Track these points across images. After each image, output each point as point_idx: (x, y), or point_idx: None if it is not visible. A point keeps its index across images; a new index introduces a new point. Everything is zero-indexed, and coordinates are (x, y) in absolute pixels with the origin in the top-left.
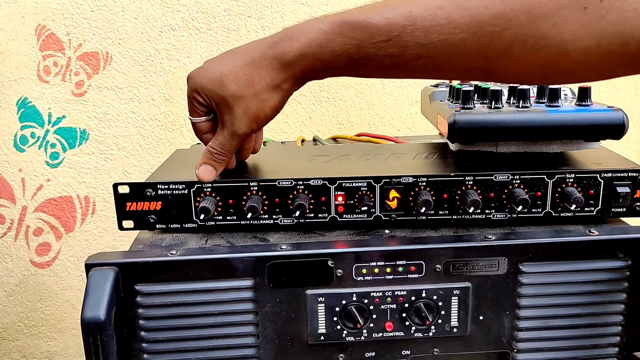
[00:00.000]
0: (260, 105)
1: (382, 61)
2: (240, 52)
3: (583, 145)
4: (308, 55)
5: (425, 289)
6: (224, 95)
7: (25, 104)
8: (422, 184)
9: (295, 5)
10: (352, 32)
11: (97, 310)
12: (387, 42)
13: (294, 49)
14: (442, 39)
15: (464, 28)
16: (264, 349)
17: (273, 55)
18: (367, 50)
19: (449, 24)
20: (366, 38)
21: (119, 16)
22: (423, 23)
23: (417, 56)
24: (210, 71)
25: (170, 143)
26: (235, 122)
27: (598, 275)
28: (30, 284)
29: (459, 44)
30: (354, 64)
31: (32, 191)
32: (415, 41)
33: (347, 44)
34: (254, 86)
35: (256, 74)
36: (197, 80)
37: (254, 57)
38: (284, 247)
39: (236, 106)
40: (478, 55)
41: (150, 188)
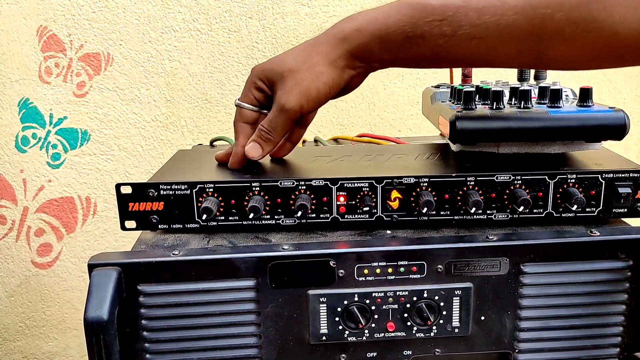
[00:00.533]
0: (312, 78)
1: (436, 40)
2: (303, 42)
3: (584, 146)
4: (364, 31)
5: (427, 290)
6: (282, 71)
7: (26, 105)
8: (424, 184)
9: (296, 7)
10: (409, 11)
11: (100, 310)
12: (442, 21)
13: (352, 25)
14: (495, 20)
15: (517, 10)
16: (265, 349)
17: (332, 33)
18: (423, 28)
19: (501, 6)
20: (422, 17)
21: (120, 17)
22: (476, 4)
23: (469, 36)
24: (275, 57)
25: (172, 144)
26: (285, 96)
27: (599, 276)
28: (32, 285)
29: (511, 25)
30: (409, 43)
31: (34, 192)
32: (469, 21)
33: (403, 21)
34: (310, 60)
35: (314, 50)
36: (260, 66)
37: (315, 39)
38: (286, 247)
39: (290, 79)
40: (531, 37)
41: (152, 188)
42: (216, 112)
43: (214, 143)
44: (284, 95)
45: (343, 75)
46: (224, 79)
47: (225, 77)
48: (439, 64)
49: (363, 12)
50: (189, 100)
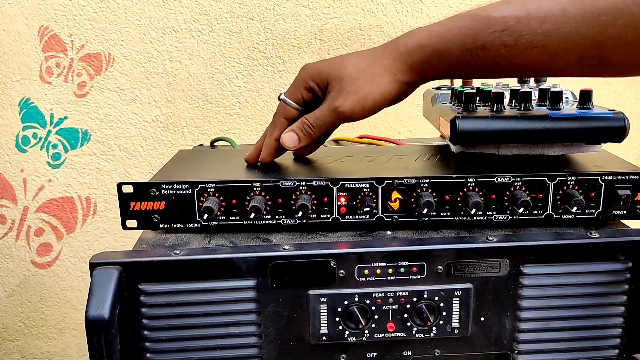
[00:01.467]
0: (372, 87)
1: (498, 50)
2: (363, 50)
3: (584, 148)
4: (426, 45)
5: (427, 290)
6: (341, 74)
7: (27, 105)
8: (424, 185)
9: (297, 8)
10: (470, 23)
11: (101, 309)
12: (503, 31)
13: (413, 40)
14: (557, 28)
15: (578, 18)
16: (266, 349)
17: (393, 47)
18: (484, 39)
19: (563, 15)
20: (483, 28)
21: (121, 18)
22: (537, 14)
23: (531, 45)
24: (332, 60)
25: (172, 144)
26: (341, 99)
27: (599, 278)
28: (31, 285)
29: (573, 32)
30: (469, 54)
31: (34, 192)
32: (530, 30)
33: (464, 33)
34: (372, 69)
35: (376, 60)
36: (314, 66)
37: (375, 50)
38: (287, 247)
39: (349, 85)
40: (592, 43)
41: (154, 188)
42: (217, 112)
43: (215, 143)
44: (340, 98)
45: (399, 88)
46: (224, 79)
47: (226, 78)
48: (498, 74)
49: (424, 27)
50: (189, 101)
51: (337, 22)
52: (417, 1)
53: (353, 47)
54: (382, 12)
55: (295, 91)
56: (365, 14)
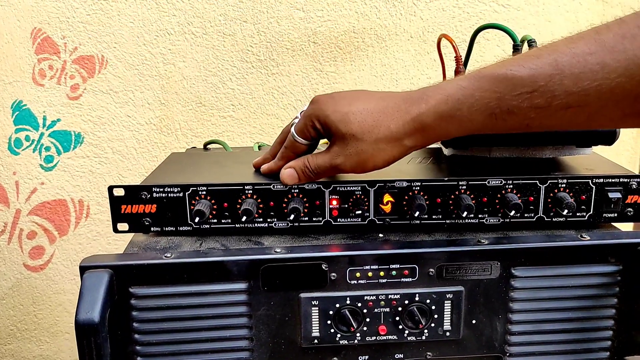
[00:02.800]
0: (374, 153)
1: (527, 114)
2: (375, 97)
3: (575, 151)
4: (443, 113)
5: (419, 293)
6: (345, 132)
7: (20, 107)
8: (416, 188)
9: (291, 11)
10: (493, 85)
11: (91, 313)
12: (532, 92)
13: (429, 106)
14: (596, 86)
15: (621, 72)
16: (257, 352)
17: (407, 110)
18: (510, 102)
19: (602, 70)
20: (509, 90)
21: (114, 20)
22: (572, 70)
23: (566, 106)
24: (339, 104)
25: (165, 147)
26: (342, 157)
27: (590, 280)
28: (23, 288)
29: (615, 89)
30: (494, 120)
31: (26, 194)
32: (564, 90)
33: (487, 97)
34: (377, 133)
35: (383, 122)
36: (323, 108)
37: (388, 107)
38: (278, 250)
39: (351, 146)
40: (637, 98)
41: (145, 191)
42: (210, 115)
43: (208, 146)
44: (341, 156)
45: (404, 153)
46: (218, 82)
47: (220, 81)
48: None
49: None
50: (183, 104)
51: (330, 25)
52: (410, 4)
53: (347, 49)
54: (375, 15)
55: (304, 129)
56: (359, 17)
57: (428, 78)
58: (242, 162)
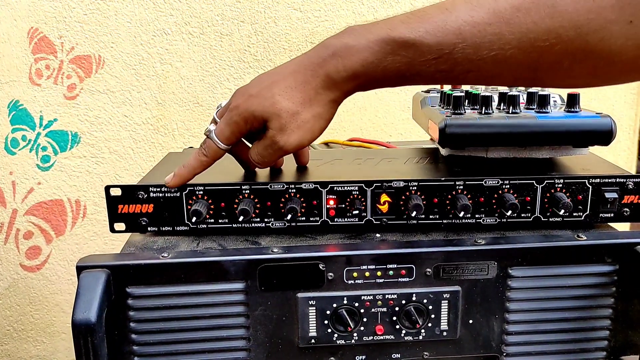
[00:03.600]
0: (315, 119)
1: (432, 76)
2: (288, 72)
3: (572, 151)
4: (360, 74)
5: (416, 293)
6: (277, 111)
7: (16, 107)
8: (413, 188)
9: (288, 11)
10: (403, 51)
11: (88, 313)
12: (438, 59)
13: (346, 67)
14: (492, 55)
15: (515, 44)
16: (254, 352)
17: (325, 74)
18: (418, 67)
19: (498, 40)
20: (417, 56)
21: (111, 20)
22: (473, 40)
23: (466, 71)
24: (260, 95)
25: (162, 147)
26: (284, 137)
27: (586, 280)
28: (20, 288)
29: (508, 58)
30: (404, 79)
31: (23, 194)
32: (466, 57)
33: (398, 62)
34: (310, 102)
35: (311, 91)
36: (246, 107)
37: (306, 77)
38: (276, 250)
39: (290, 121)
40: (528, 68)
41: (142, 191)
42: (207, 115)
43: None
44: (283, 136)
45: (336, 109)
46: (215, 82)
47: (217, 81)
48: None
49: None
50: (180, 104)
51: (328, 25)
52: (407, 5)
53: None
54: (373, 15)
55: (229, 135)
56: (356, 17)
57: None
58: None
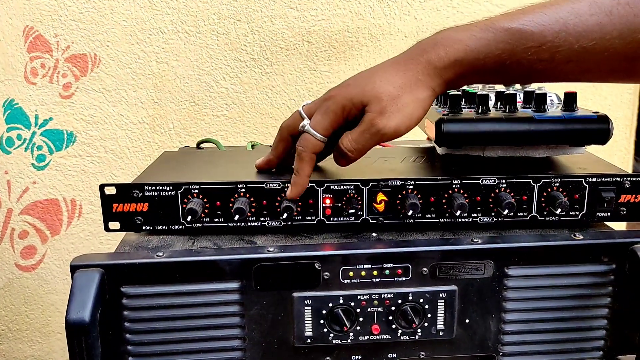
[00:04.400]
0: (416, 104)
1: (533, 65)
2: (387, 64)
3: (569, 150)
4: (463, 61)
5: (412, 292)
6: (378, 94)
7: (11, 106)
8: (410, 187)
9: (285, 10)
10: (507, 38)
11: (81, 312)
12: (540, 47)
13: (449, 54)
14: (593, 44)
15: (615, 34)
16: (250, 351)
17: (427, 61)
18: (519, 55)
19: (600, 30)
20: (520, 44)
21: (107, 18)
22: (575, 29)
23: (566, 60)
24: (358, 83)
25: (159, 146)
26: (383, 120)
27: (583, 279)
28: (15, 288)
29: (609, 48)
30: (504, 68)
31: (18, 194)
32: (568, 46)
33: (500, 49)
34: (411, 87)
35: (412, 77)
36: (344, 92)
37: (407, 65)
38: (271, 249)
39: (390, 104)
40: (626, 58)
41: (137, 189)
42: (204, 114)
43: (201, 145)
44: (382, 119)
45: (434, 97)
46: (211, 81)
47: (213, 80)
48: (528, 82)
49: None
50: (176, 103)
51: (325, 25)
52: (404, 4)
53: (341, 49)
54: (369, 14)
55: (327, 125)
56: (353, 17)
57: None
58: (235, 161)
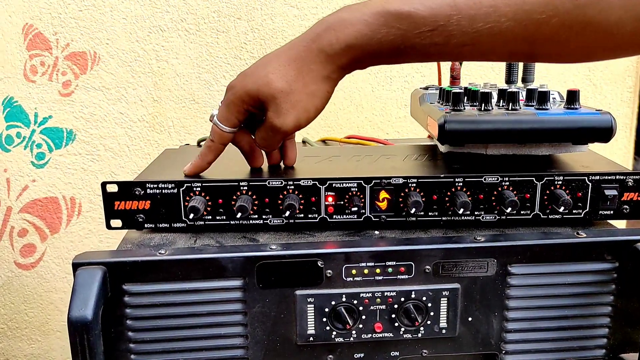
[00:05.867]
0: (309, 97)
1: (427, 49)
2: (282, 51)
3: (571, 148)
4: (355, 46)
5: (415, 290)
6: (272, 92)
7: (11, 104)
8: (412, 185)
9: (285, 8)
10: (397, 23)
11: (84, 310)
12: (433, 31)
13: (340, 40)
14: (488, 27)
15: (510, 16)
16: (252, 349)
17: (319, 48)
18: (412, 40)
19: (494, 12)
20: (411, 28)
21: (107, 16)
22: (468, 12)
23: (462, 44)
24: (255, 74)
25: (158, 144)
26: (281, 118)
27: (586, 277)
28: (14, 286)
29: (504, 31)
30: (398, 52)
31: (17, 192)
32: (461, 30)
33: (392, 34)
34: (303, 79)
35: (304, 67)
36: (242, 85)
37: (299, 53)
38: (274, 247)
39: (284, 102)
40: (524, 41)
41: (139, 187)
42: (203, 112)
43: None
44: (279, 117)
45: (334, 85)
46: (211, 79)
47: (213, 78)
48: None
49: (347, 20)
50: (176, 101)
51: None
52: None
53: None
54: None
55: (229, 116)
56: None
57: (422, 76)
58: (236, 159)
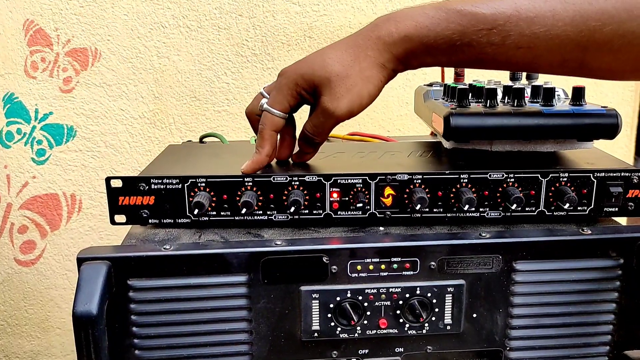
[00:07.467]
0: (364, 83)
1: (483, 48)
2: (340, 41)
3: (576, 144)
4: (413, 37)
5: (420, 287)
6: (327, 75)
7: (11, 100)
8: (417, 181)
9: (287, 5)
10: (458, 18)
11: (89, 305)
12: (491, 30)
13: (399, 30)
14: (545, 31)
15: (568, 21)
16: (257, 345)
17: (377, 36)
18: (470, 36)
19: (552, 17)
20: (471, 25)
21: (108, 12)
22: (527, 14)
23: (517, 46)
24: (310, 59)
25: (159, 141)
26: (335, 102)
27: (590, 274)
28: (14, 283)
29: (561, 35)
30: (454, 49)
31: (18, 188)
32: (518, 31)
33: (451, 29)
34: (359, 64)
35: (361, 53)
36: (296, 69)
37: (357, 40)
38: (279, 242)
39: (339, 85)
40: (577, 47)
41: (143, 182)
42: (204, 109)
43: (204, 140)
44: (333, 101)
45: (388, 76)
46: (212, 76)
47: (215, 75)
48: (481, 67)
49: (408, 13)
50: (177, 98)
51: (326, 20)
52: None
53: None
54: (371, 10)
55: (282, 100)
56: (355, 12)
57: (424, 74)
58: (240, 154)
